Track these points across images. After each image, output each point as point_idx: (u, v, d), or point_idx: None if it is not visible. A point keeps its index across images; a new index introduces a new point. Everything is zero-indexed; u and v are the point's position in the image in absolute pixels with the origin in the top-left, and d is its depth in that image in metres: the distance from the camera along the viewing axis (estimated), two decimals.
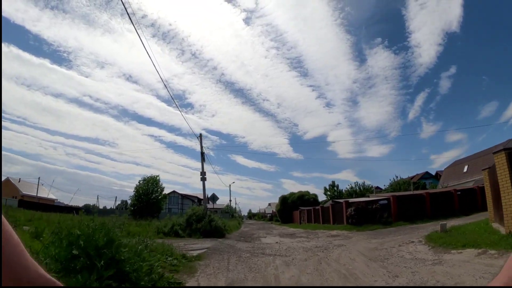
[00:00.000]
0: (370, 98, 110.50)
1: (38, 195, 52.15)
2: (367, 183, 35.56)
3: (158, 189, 41.94)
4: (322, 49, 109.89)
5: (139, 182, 41.10)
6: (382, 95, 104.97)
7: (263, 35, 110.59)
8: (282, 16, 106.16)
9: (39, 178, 54.43)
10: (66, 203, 46.92)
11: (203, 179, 19.33)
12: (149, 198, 39.72)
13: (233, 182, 46.40)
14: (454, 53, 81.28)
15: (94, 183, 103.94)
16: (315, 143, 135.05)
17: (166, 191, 42.49)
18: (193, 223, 17.59)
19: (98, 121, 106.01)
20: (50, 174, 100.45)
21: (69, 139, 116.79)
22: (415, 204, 21.63)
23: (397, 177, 31.72)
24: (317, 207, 30.75)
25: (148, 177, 41.81)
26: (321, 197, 46.67)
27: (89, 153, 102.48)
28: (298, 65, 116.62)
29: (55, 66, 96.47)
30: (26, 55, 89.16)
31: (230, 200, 46.41)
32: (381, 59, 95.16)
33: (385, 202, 21.52)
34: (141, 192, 39.95)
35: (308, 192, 45.49)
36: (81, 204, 58.23)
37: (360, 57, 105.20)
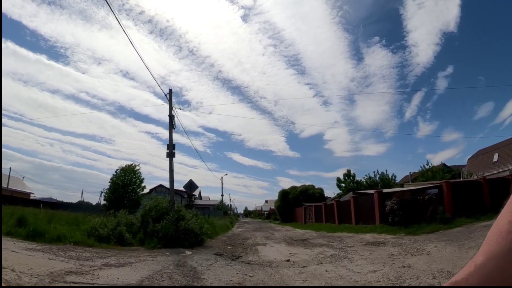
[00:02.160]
0: (367, 97, 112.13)
1: (13, 188, 47.02)
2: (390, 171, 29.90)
3: (136, 180, 35.24)
4: (319, 48, 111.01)
5: (116, 172, 34.31)
6: (379, 94, 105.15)
7: (260, 33, 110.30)
8: (280, 14, 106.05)
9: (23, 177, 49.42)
10: (61, 200, 43.58)
11: (171, 155, 12.64)
12: (126, 190, 33.49)
13: (226, 174, 39.85)
14: (451, 53, 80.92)
15: (90, 180, 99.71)
16: (312, 141, 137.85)
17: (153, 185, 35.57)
18: (149, 222, 10.93)
19: (95, 118, 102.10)
20: (47, 171, 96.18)
21: (65, 136, 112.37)
22: (471, 193, 15.20)
23: (427, 163, 25.47)
24: (330, 202, 24.18)
25: (125, 166, 34.98)
26: (327, 193, 40.23)
27: (85, 149, 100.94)
28: (295, 63, 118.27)
29: (51, 62, 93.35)
30: (23, 51, 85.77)
31: (222, 195, 39.89)
32: (379, 58, 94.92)
33: (435, 191, 15.02)
34: (117, 183, 33.59)
35: (312, 186, 38.98)
36: (75, 200, 53.93)
37: (357, 56, 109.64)
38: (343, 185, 27.21)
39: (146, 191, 35.68)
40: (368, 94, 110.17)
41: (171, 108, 13.38)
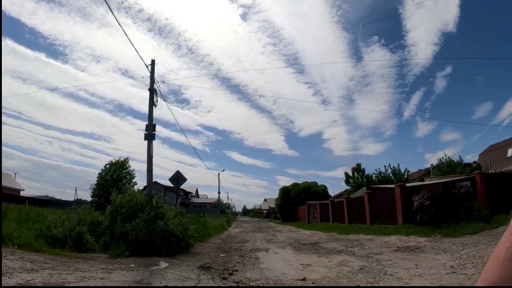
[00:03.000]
0: (366, 96, 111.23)
1: (3, 185, 44.89)
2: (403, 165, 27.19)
3: (126, 175, 32.55)
4: (319, 47, 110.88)
5: (104, 167, 31.77)
6: (378, 94, 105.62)
7: (260, 31, 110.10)
8: (279, 13, 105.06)
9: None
10: (59, 198, 42.25)
11: (149, 137, 10.12)
12: (114, 186, 30.79)
13: (223, 170, 37.16)
14: (450, 53, 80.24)
15: (89, 178, 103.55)
16: (311, 140, 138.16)
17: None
18: (117, 221, 8.44)
19: (94, 116, 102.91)
20: (46, 169, 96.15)
21: (64, 134, 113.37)
22: (506, 187, 12.79)
23: (445, 156, 23.01)
24: (338, 199, 21.74)
25: (115, 161, 32.44)
26: (330, 191, 37.80)
27: (84, 148, 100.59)
28: (294, 62, 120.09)
29: (50, 60, 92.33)
30: (22, 49, 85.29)
31: (219, 192, 37.29)
32: (378, 57, 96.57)
33: (467, 183, 12.59)
34: (106, 178, 30.88)
35: (315, 183, 36.57)
36: (73, 198, 52.52)
37: (356, 55, 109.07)
38: (352, 180, 24.72)
39: (137, 187, 33.34)
40: (367, 93, 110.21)
41: (152, 82, 10.85)
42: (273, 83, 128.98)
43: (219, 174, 37.35)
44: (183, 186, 59.86)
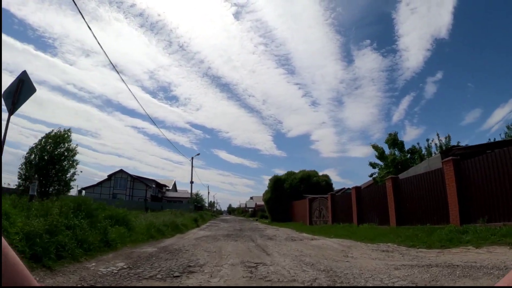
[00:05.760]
0: (355, 99, 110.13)
1: None
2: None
3: (67, 152, 23.23)
4: (310, 48, 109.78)
5: (39, 141, 22.50)
6: (368, 97, 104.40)
7: (252, 31, 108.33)
8: (272, 13, 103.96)
9: None
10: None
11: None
12: (55, 167, 22.02)
13: (198, 154, 28.40)
14: (441, 59, 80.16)
15: (77, 174, 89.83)
16: (299, 141, 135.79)
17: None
18: None
19: (81, 110, 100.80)
20: None
21: (50, 128, 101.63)
22: None
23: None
24: (369, 187, 13.66)
25: (53, 133, 23.14)
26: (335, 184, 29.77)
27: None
28: (285, 63, 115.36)
29: (39, 53, 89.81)
30: (10, 40, 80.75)
31: (192, 182, 28.32)
32: (369, 61, 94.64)
33: None
34: (42, 156, 21.75)
35: (316, 172, 28.45)
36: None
37: (348, 58, 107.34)
38: (381, 160, 16.38)
39: (79, 168, 24.23)
40: (356, 96, 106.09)
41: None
42: (263, 83, 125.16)
43: (192, 158, 28.72)
44: (155, 177, 49.63)
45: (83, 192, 44.11)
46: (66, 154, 23.45)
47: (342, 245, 8.10)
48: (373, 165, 17.65)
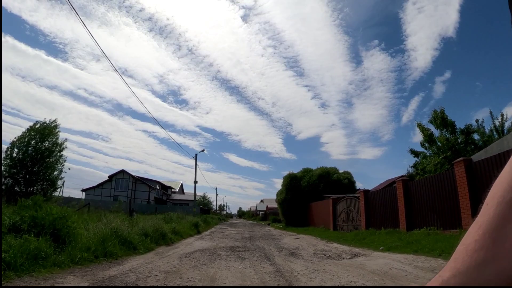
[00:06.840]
0: (365, 100, 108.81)
1: None
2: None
3: (53, 147, 20.97)
4: (319, 50, 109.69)
5: (25, 134, 20.56)
6: (377, 98, 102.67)
7: (260, 33, 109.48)
8: (280, 15, 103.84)
9: None
10: None
11: None
12: (37, 163, 20.23)
13: (202, 150, 24.87)
14: (449, 58, 78.27)
15: (86, 177, 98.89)
16: (309, 144, 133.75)
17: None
18: None
19: (92, 115, 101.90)
20: None
21: (62, 132, 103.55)
22: None
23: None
24: (423, 178, 10.15)
25: (38, 125, 21.08)
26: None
27: (82, 147, 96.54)
28: (294, 65, 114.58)
29: (50, 58, 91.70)
30: (22, 46, 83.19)
31: (196, 181, 25.14)
32: (377, 62, 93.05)
33: None
34: (28, 152, 20.02)
35: (336, 169, 24.87)
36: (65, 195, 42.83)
37: (356, 59, 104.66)
38: (440, 143, 12.52)
39: (67, 166, 21.51)
40: (366, 97, 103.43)
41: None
42: (272, 85, 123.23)
43: (196, 155, 25.68)
44: (160, 179, 46.87)
45: (84, 193, 41.82)
46: (53, 148, 20.75)
47: (423, 268, 4.70)
48: (415, 153, 14.05)
